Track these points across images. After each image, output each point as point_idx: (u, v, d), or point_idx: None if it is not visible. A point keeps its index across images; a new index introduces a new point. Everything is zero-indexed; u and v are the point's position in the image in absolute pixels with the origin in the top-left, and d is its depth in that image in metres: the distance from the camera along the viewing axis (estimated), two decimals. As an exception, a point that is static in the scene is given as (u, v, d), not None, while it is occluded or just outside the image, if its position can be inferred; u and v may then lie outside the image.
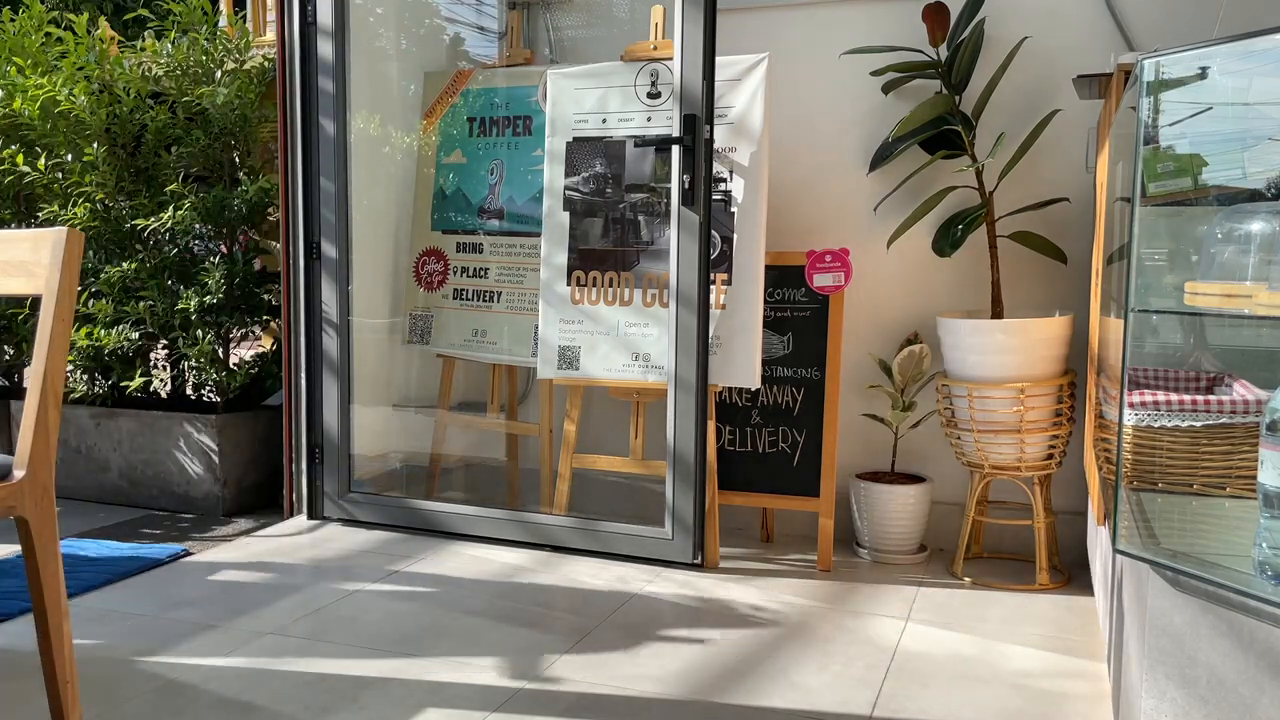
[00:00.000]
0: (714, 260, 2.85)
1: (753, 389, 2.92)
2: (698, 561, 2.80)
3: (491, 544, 2.99)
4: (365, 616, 2.45)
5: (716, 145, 2.83)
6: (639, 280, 2.92)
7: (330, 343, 3.23)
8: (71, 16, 3.47)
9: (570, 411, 3.06)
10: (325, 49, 3.15)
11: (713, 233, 2.83)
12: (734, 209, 2.83)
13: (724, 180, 2.85)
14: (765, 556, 2.93)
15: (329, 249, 3.17)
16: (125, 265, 3.32)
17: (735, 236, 2.82)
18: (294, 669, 2.16)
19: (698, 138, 2.71)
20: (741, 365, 2.82)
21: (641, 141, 2.86)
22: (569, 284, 3.00)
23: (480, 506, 3.05)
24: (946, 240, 2.78)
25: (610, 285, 2.96)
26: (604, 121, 3.00)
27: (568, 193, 3.02)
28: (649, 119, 2.94)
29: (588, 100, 3.01)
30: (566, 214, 3.02)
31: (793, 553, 2.96)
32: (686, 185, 2.70)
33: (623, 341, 2.93)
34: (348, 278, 3.20)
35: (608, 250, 2.97)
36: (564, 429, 3.08)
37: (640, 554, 2.85)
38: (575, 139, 3.02)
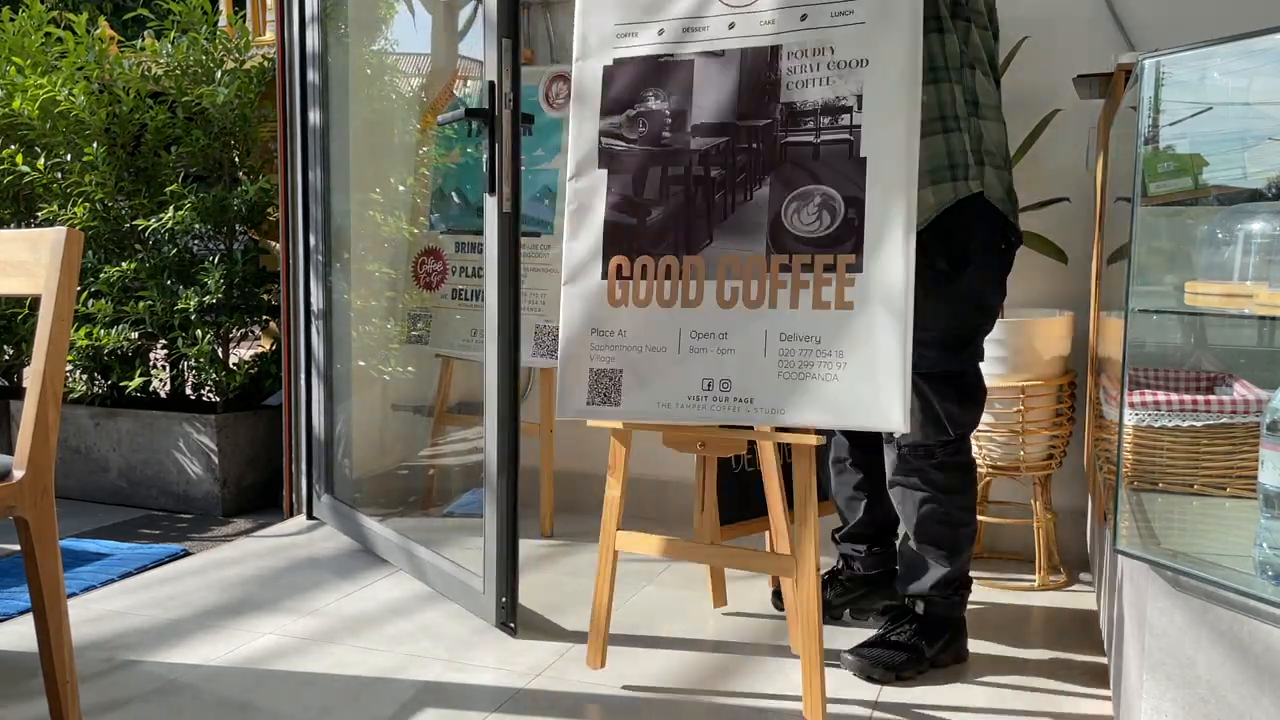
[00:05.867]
0: (833, 235, 1.88)
1: (899, 432, 1.89)
2: (510, 626, 2.33)
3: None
4: (364, 616, 2.45)
5: (839, 56, 1.88)
6: (711, 268, 1.98)
7: (328, 344, 3.23)
8: (71, 16, 3.47)
9: (614, 471, 2.16)
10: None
11: (829, 193, 1.89)
12: (863, 154, 1.87)
13: (846, 110, 1.90)
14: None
15: (324, 248, 3.17)
16: (125, 265, 3.32)
17: (867, 197, 1.86)
18: (294, 669, 2.16)
19: (498, 106, 2.20)
20: (877, 395, 1.83)
21: (445, 119, 2.24)
22: (605, 275, 2.06)
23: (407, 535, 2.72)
24: (946, 240, 2.78)
25: (666, 277, 2.01)
26: (661, 33, 2.05)
27: (605, 142, 2.08)
28: (731, 25, 1.99)
29: (637, 1, 2.08)
30: (603, 173, 2.08)
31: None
32: (485, 166, 2.19)
33: (685, 362, 1.98)
34: (346, 278, 3.20)
35: (665, 225, 2.04)
36: (605, 495, 2.17)
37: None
38: (617, 61, 2.09)
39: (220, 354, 3.40)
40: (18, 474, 1.68)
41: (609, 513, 2.13)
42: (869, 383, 1.82)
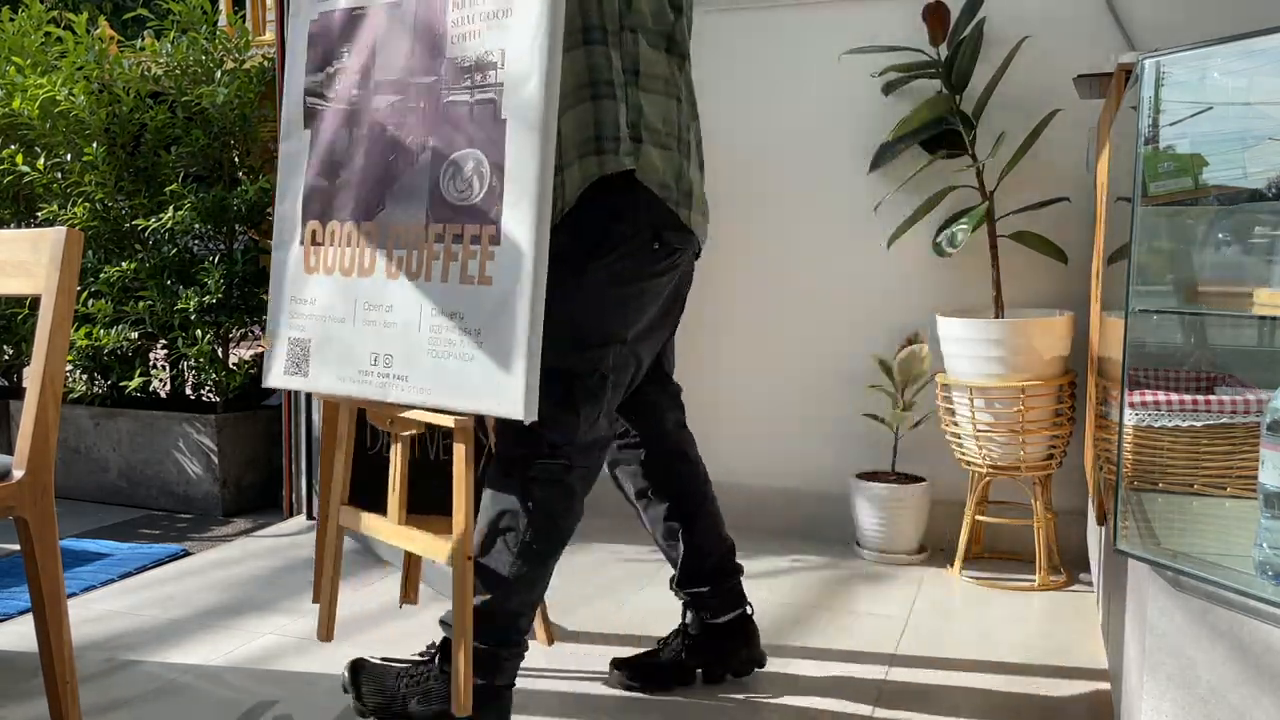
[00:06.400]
0: (481, 204, 1.70)
1: (525, 420, 1.65)
2: None
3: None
4: (364, 616, 2.45)
5: (487, 6, 1.71)
6: (384, 235, 1.83)
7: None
8: (71, 16, 3.47)
9: (339, 444, 1.99)
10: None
11: (480, 158, 1.71)
12: (503, 114, 1.68)
13: (492, 66, 1.70)
14: (765, 556, 2.91)
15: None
16: (125, 265, 3.32)
17: (508, 163, 1.67)
18: (294, 669, 2.16)
19: None
20: (505, 378, 1.64)
21: None
22: (302, 241, 1.96)
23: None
24: (947, 240, 2.78)
25: (348, 244, 1.88)
26: None
27: (310, 101, 1.97)
28: None
29: None
30: (308, 133, 1.97)
31: (781, 554, 2.96)
32: None
33: (359, 334, 1.85)
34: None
35: (350, 189, 1.90)
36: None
37: None
38: (322, 14, 1.97)
39: (220, 354, 3.40)
40: (18, 474, 1.68)
41: (336, 484, 1.99)
42: (502, 364, 1.67)
